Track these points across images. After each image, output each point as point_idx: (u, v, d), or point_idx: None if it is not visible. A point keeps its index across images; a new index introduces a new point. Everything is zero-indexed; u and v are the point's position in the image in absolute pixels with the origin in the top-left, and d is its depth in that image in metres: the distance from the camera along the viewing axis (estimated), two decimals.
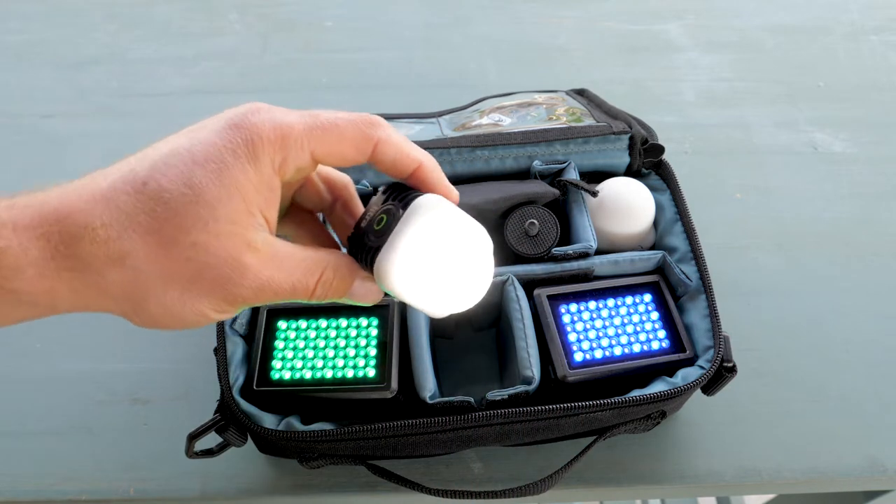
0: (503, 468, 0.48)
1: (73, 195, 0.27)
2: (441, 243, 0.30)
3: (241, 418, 0.41)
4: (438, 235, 0.30)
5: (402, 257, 0.29)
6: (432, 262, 0.30)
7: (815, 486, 0.49)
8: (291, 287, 0.29)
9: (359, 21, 0.77)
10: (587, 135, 0.51)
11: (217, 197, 0.26)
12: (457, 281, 0.31)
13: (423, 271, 0.30)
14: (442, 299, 0.31)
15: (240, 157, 0.27)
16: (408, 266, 0.29)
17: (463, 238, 0.31)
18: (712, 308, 0.45)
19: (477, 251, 0.32)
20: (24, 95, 0.70)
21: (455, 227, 0.31)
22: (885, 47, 0.74)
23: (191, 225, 0.26)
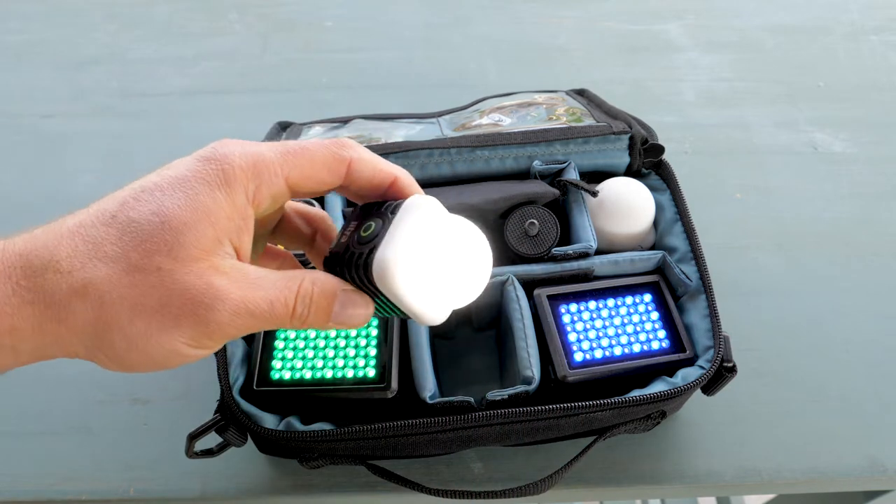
0: (503, 468, 0.48)
1: (40, 235, 0.26)
2: (440, 237, 0.29)
3: (241, 418, 0.41)
4: (437, 229, 0.29)
5: (404, 248, 0.28)
6: (434, 254, 0.29)
7: (815, 486, 0.49)
8: (268, 304, 0.27)
9: (359, 21, 0.77)
10: (587, 135, 0.51)
11: (184, 222, 0.26)
12: (458, 274, 0.30)
13: (426, 263, 0.28)
14: (444, 295, 0.30)
15: (211, 185, 0.27)
16: (410, 257, 0.28)
17: (460, 231, 0.30)
18: (712, 308, 0.45)
19: (474, 243, 0.31)
20: (24, 95, 0.70)
21: (451, 222, 0.30)
22: (885, 47, 0.74)
23: (156, 250, 0.25)
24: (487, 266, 0.32)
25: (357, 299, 0.29)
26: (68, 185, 0.63)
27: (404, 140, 0.52)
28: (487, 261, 0.32)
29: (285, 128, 0.61)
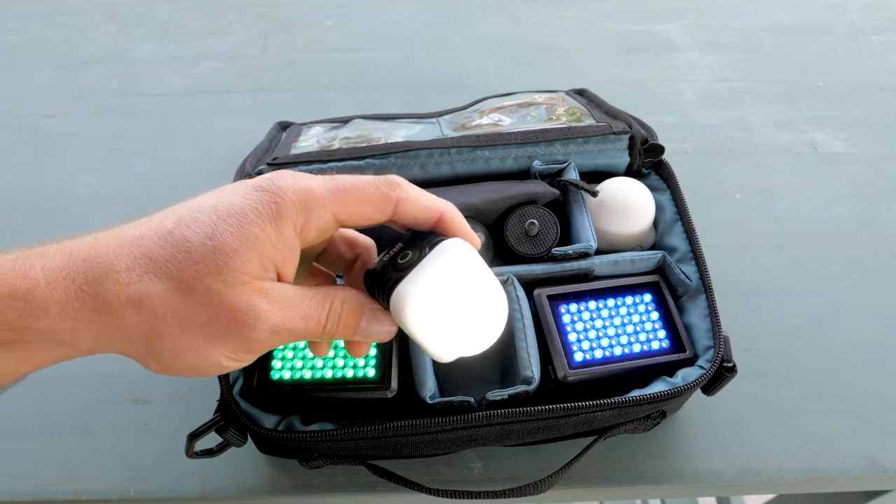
0: (503, 468, 0.48)
1: (103, 241, 0.29)
2: (462, 284, 0.31)
3: (241, 418, 0.41)
4: (461, 276, 0.31)
5: (424, 289, 0.30)
6: (451, 300, 0.30)
7: (815, 486, 0.49)
8: (303, 321, 0.30)
9: (359, 21, 0.77)
10: (587, 135, 0.51)
11: (234, 249, 0.28)
12: (471, 324, 0.32)
13: (441, 308, 0.30)
14: (452, 339, 0.31)
15: (262, 216, 0.29)
16: (427, 299, 0.30)
17: (483, 283, 0.32)
18: (712, 308, 0.45)
19: (494, 299, 0.32)
20: (24, 95, 0.70)
21: (477, 272, 0.31)
22: (885, 47, 0.74)
23: (206, 272, 0.28)
24: (501, 322, 0.33)
25: (382, 317, 0.32)
26: (68, 185, 0.63)
27: (404, 140, 0.52)
28: (502, 317, 0.33)
29: (285, 128, 0.61)
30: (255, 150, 0.56)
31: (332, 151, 0.51)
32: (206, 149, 0.65)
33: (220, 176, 0.32)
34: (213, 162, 0.63)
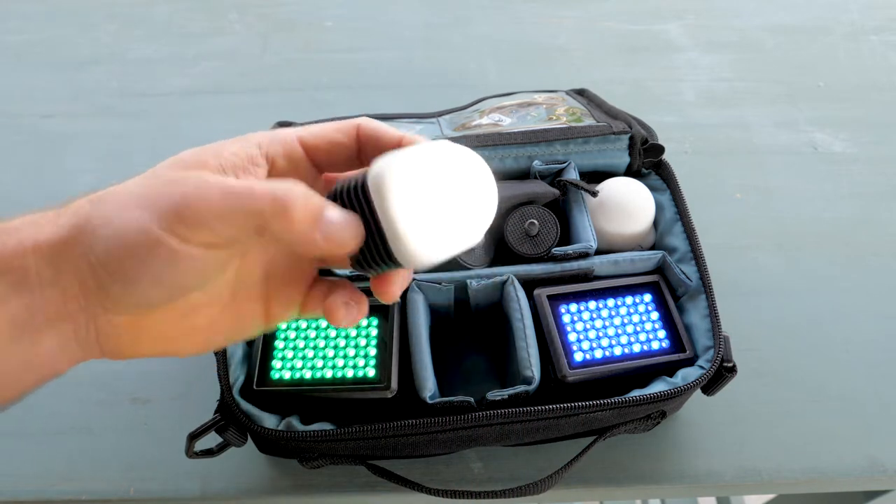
0: (503, 468, 0.48)
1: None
2: (447, 163, 0.27)
3: (241, 418, 0.41)
4: (445, 155, 0.27)
5: (406, 161, 0.26)
6: (436, 178, 0.27)
7: (815, 486, 0.49)
8: (248, 189, 0.26)
9: (359, 21, 0.77)
10: (587, 135, 0.51)
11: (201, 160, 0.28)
12: (458, 209, 0.27)
13: (424, 185, 0.26)
14: (438, 230, 0.27)
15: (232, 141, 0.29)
16: (410, 171, 0.26)
17: (465, 163, 0.28)
18: (712, 308, 0.45)
19: (481, 180, 0.28)
20: (24, 95, 0.70)
21: (455, 152, 0.28)
22: (885, 47, 0.74)
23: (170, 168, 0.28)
24: (490, 208, 0.29)
25: (349, 217, 0.27)
26: (68, 185, 0.63)
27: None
28: (491, 202, 0.29)
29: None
30: None
31: None
32: None
33: None
34: None
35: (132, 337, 0.28)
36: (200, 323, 0.30)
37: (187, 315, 0.29)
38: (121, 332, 0.28)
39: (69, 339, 0.27)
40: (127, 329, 0.28)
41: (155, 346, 0.29)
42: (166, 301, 0.27)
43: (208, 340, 0.30)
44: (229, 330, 0.31)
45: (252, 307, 0.31)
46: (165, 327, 0.29)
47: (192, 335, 0.30)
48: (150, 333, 0.28)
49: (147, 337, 0.28)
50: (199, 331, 0.30)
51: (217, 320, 0.30)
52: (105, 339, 0.28)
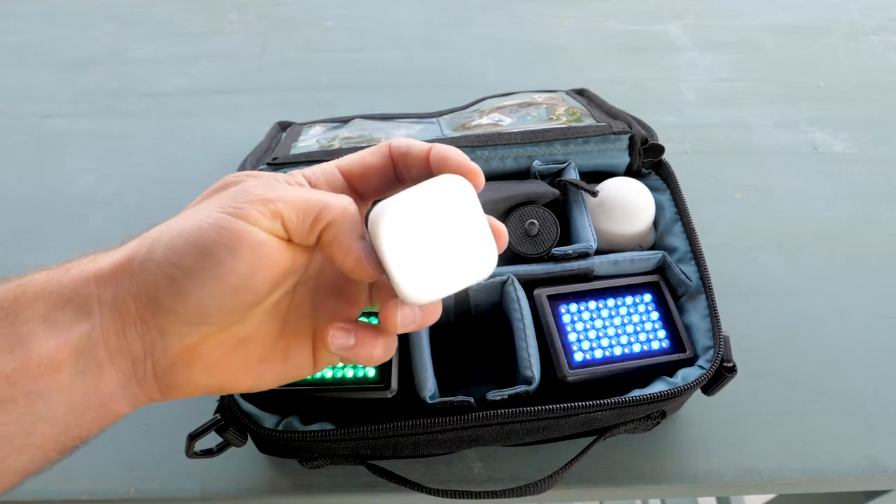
0: (503, 468, 0.48)
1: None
2: (445, 211, 0.28)
3: (241, 418, 0.41)
4: (446, 203, 0.28)
5: (403, 205, 0.27)
6: (431, 223, 0.28)
7: (815, 486, 0.49)
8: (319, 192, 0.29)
9: (359, 21, 0.77)
10: (587, 135, 0.51)
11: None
12: (448, 258, 0.28)
13: (418, 229, 0.28)
14: (425, 269, 0.28)
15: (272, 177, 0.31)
16: (405, 216, 0.27)
17: (469, 218, 0.29)
18: (712, 308, 0.45)
19: (478, 237, 0.29)
20: (24, 95, 0.70)
21: (464, 205, 0.28)
22: (885, 47, 0.74)
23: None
24: (482, 266, 0.29)
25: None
26: (68, 185, 0.63)
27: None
28: (484, 262, 0.29)
29: (285, 128, 0.61)
30: (255, 150, 0.56)
31: (332, 151, 0.51)
32: (206, 148, 0.65)
33: (220, 176, 0.31)
34: (214, 162, 0.63)
35: (186, 366, 0.29)
36: (251, 356, 0.30)
37: (238, 347, 0.30)
38: (176, 361, 0.28)
39: (128, 376, 0.28)
40: (181, 358, 0.28)
41: (208, 377, 0.29)
42: (221, 314, 0.28)
43: (260, 377, 0.31)
44: (279, 368, 0.31)
45: (300, 346, 0.31)
46: (218, 357, 0.29)
47: (244, 370, 0.30)
48: (204, 363, 0.29)
49: (200, 367, 0.29)
50: (250, 366, 0.30)
51: (267, 356, 0.31)
52: (161, 371, 0.28)
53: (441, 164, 0.30)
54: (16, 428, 0.26)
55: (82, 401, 0.27)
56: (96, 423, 0.28)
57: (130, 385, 0.28)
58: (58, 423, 0.27)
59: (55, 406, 0.26)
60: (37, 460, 0.27)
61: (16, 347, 0.26)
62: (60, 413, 0.27)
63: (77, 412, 0.27)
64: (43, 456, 0.27)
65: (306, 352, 0.32)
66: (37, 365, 0.26)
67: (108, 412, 0.28)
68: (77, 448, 0.28)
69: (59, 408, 0.27)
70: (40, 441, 0.27)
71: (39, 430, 0.26)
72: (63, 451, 0.28)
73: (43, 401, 0.26)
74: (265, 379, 0.31)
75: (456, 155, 0.30)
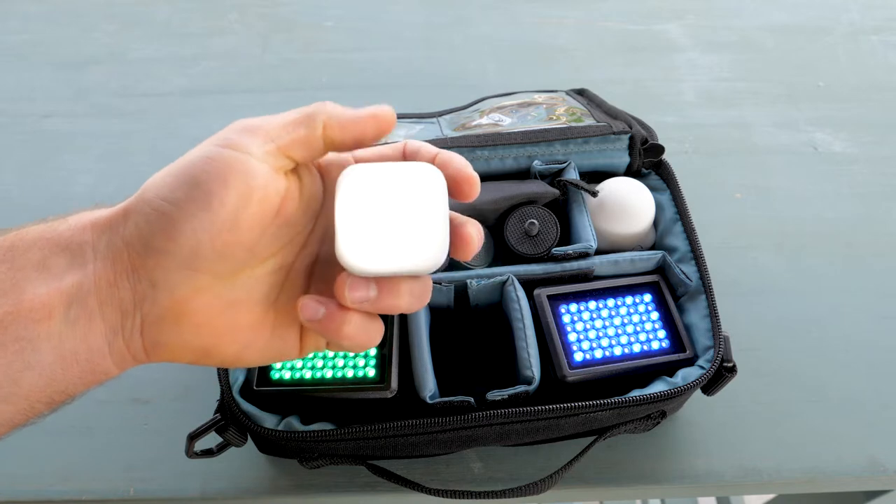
0: (503, 468, 0.48)
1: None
2: (404, 189, 0.28)
3: (241, 418, 0.41)
4: (407, 182, 0.28)
5: (367, 172, 0.28)
6: (390, 197, 0.28)
7: (815, 486, 0.49)
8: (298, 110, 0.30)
9: (359, 21, 0.77)
10: (587, 135, 0.51)
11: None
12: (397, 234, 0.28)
13: (377, 197, 0.28)
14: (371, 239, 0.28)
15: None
16: (366, 179, 0.28)
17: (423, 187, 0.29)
18: (712, 308, 0.45)
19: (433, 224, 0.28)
20: (24, 95, 0.70)
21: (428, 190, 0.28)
22: (885, 47, 0.74)
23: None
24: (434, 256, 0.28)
25: None
26: (68, 185, 0.63)
27: (404, 140, 0.52)
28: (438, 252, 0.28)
29: None
30: None
31: None
32: None
33: None
34: None
35: (175, 321, 0.28)
36: (241, 321, 0.30)
37: (228, 309, 0.29)
38: (165, 315, 0.28)
39: (116, 330, 0.28)
40: (171, 311, 0.28)
41: (195, 336, 0.29)
42: (212, 257, 0.28)
43: (245, 347, 0.30)
44: (266, 342, 0.31)
45: (289, 325, 0.31)
46: (207, 316, 0.29)
47: (232, 334, 0.30)
48: (193, 321, 0.28)
49: (189, 324, 0.28)
50: (240, 331, 0.30)
51: (258, 324, 0.30)
52: (149, 326, 0.28)
53: (443, 166, 0.30)
54: (3, 375, 0.26)
55: (70, 352, 0.27)
56: (83, 379, 0.28)
57: (117, 340, 0.28)
58: (45, 373, 0.26)
59: (43, 355, 0.26)
60: (22, 412, 0.27)
61: (9, 291, 0.26)
62: (48, 363, 0.26)
63: (64, 364, 0.27)
64: (29, 408, 0.27)
65: (294, 331, 0.31)
66: (28, 310, 0.26)
67: (95, 368, 0.28)
68: (64, 403, 0.28)
69: (47, 356, 0.26)
70: (26, 391, 0.26)
71: (26, 379, 0.26)
72: (50, 404, 0.28)
73: (32, 348, 0.26)
74: (251, 350, 0.30)
75: (457, 160, 0.30)
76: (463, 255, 0.30)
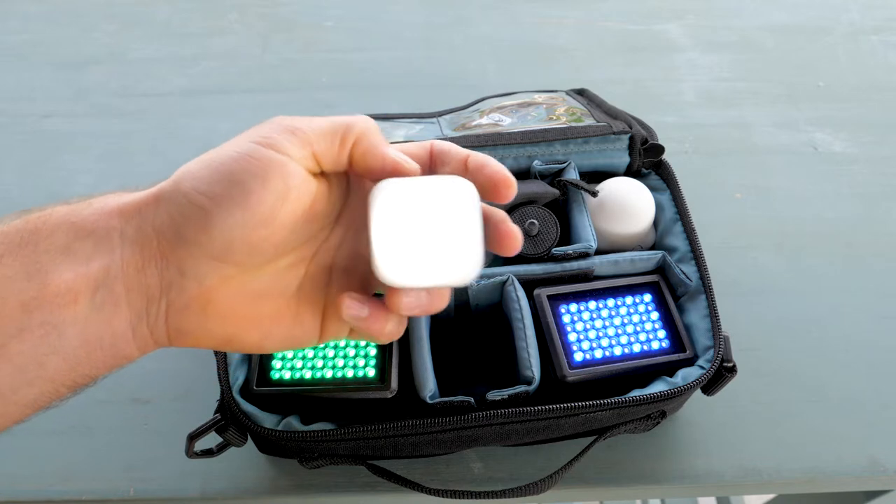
0: (503, 468, 0.48)
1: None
2: (441, 205, 0.28)
3: (241, 418, 0.41)
4: (442, 195, 0.29)
5: (401, 185, 0.28)
6: (426, 211, 0.28)
7: (815, 486, 0.49)
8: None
9: (359, 21, 0.77)
10: (587, 135, 0.51)
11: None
12: (433, 247, 0.28)
13: (412, 212, 0.28)
14: (407, 253, 0.28)
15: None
16: (402, 195, 0.28)
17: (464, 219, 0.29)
18: (712, 308, 0.45)
19: (469, 241, 0.29)
20: (24, 95, 0.70)
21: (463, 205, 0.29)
22: (885, 47, 0.74)
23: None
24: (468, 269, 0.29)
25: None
26: (68, 185, 0.63)
27: (404, 140, 0.52)
28: (472, 265, 0.29)
29: None
30: None
31: None
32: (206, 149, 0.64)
33: None
34: None
35: (200, 310, 0.28)
36: (264, 311, 0.30)
37: (255, 298, 0.30)
38: (191, 303, 0.28)
39: (140, 316, 0.28)
40: (197, 300, 0.28)
41: (219, 325, 0.29)
42: (244, 250, 0.28)
43: (267, 334, 0.31)
44: (287, 331, 0.31)
45: (311, 313, 0.31)
46: (232, 306, 0.29)
47: (255, 323, 0.30)
48: (218, 310, 0.29)
49: (214, 313, 0.29)
50: (262, 320, 0.30)
51: (280, 314, 0.31)
52: (174, 313, 0.28)
53: (478, 169, 0.31)
54: (29, 359, 0.26)
55: (95, 337, 0.27)
56: (105, 363, 0.28)
57: (141, 325, 0.28)
58: (69, 357, 0.26)
59: (68, 339, 0.26)
60: (47, 394, 0.27)
61: (34, 276, 0.26)
62: (72, 347, 0.26)
63: (89, 348, 0.27)
64: (54, 391, 0.27)
65: (315, 319, 0.32)
66: (54, 295, 0.26)
67: (118, 353, 0.28)
68: (87, 386, 0.28)
69: (72, 341, 0.26)
70: (51, 374, 0.26)
71: (52, 362, 0.26)
72: (73, 387, 0.28)
73: (57, 333, 0.26)
74: (271, 338, 0.31)
75: (493, 163, 0.31)
76: (509, 250, 0.31)
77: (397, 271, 0.28)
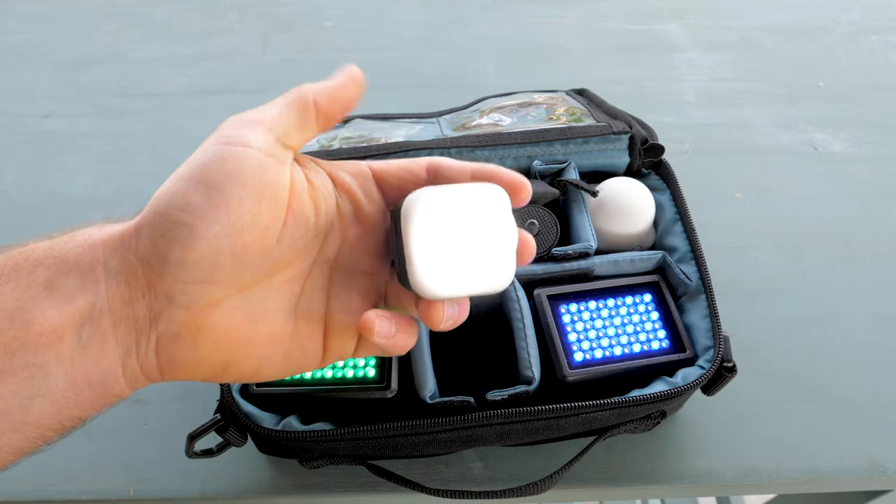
0: (503, 468, 0.48)
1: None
2: (477, 212, 0.28)
3: (241, 418, 0.41)
4: (477, 203, 0.28)
5: (436, 196, 0.28)
6: (463, 219, 0.28)
7: (815, 486, 0.49)
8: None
9: (359, 21, 0.77)
10: (587, 135, 0.51)
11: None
12: (473, 257, 0.29)
13: (450, 223, 0.28)
14: (448, 265, 0.28)
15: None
16: (439, 206, 0.28)
17: (494, 209, 0.29)
18: (712, 308, 0.45)
19: (504, 244, 0.29)
20: (24, 95, 0.70)
21: (495, 210, 0.29)
22: (885, 47, 0.74)
23: None
24: (505, 275, 0.29)
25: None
26: (68, 185, 0.63)
27: (404, 140, 0.52)
28: (507, 271, 0.29)
29: None
30: None
31: (331, 151, 0.51)
32: None
33: None
34: None
35: (191, 337, 0.27)
36: (261, 333, 0.29)
37: (250, 319, 0.28)
38: (181, 331, 0.27)
39: (129, 351, 0.27)
40: (187, 327, 0.27)
41: (212, 352, 0.28)
42: (231, 264, 0.27)
43: (266, 359, 0.29)
44: (286, 353, 0.30)
45: (311, 333, 0.30)
46: (225, 330, 0.28)
47: (251, 347, 0.29)
48: (210, 336, 0.28)
49: (206, 340, 0.28)
50: (259, 344, 0.29)
51: (277, 336, 0.29)
52: (164, 344, 0.27)
53: (490, 179, 0.30)
54: (12, 403, 0.24)
55: (83, 377, 0.26)
56: (94, 403, 0.27)
57: (131, 360, 0.27)
58: (56, 400, 0.25)
59: (54, 381, 0.25)
60: (32, 440, 0.26)
61: (16, 315, 0.24)
62: (59, 389, 0.25)
63: (76, 389, 0.26)
64: (40, 436, 0.26)
65: (316, 340, 0.30)
66: (38, 334, 0.24)
67: (107, 391, 0.27)
68: (75, 428, 0.27)
69: (59, 383, 0.25)
70: (37, 419, 0.25)
71: (37, 406, 0.25)
72: (60, 430, 0.27)
73: (42, 374, 0.25)
74: (270, 363, 0.30)
75: (504, 171, 0.30)
76: (524, 258, 0.30)
77: (440, 283, 0.28)
